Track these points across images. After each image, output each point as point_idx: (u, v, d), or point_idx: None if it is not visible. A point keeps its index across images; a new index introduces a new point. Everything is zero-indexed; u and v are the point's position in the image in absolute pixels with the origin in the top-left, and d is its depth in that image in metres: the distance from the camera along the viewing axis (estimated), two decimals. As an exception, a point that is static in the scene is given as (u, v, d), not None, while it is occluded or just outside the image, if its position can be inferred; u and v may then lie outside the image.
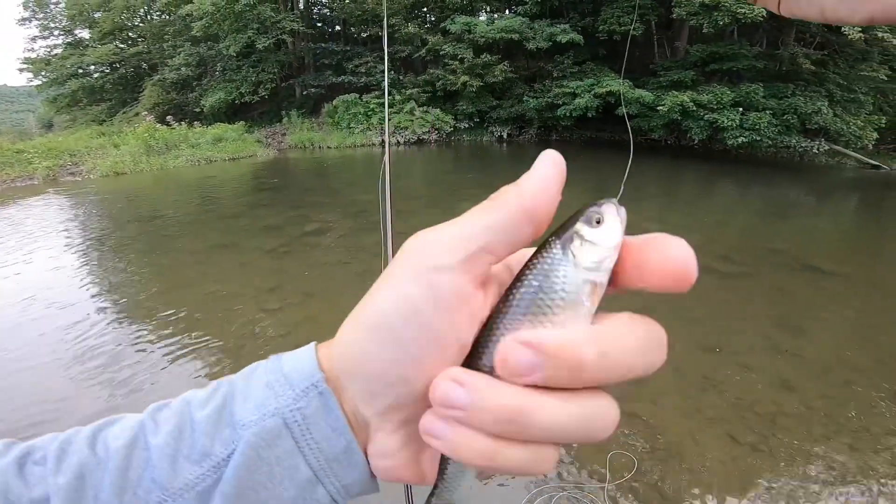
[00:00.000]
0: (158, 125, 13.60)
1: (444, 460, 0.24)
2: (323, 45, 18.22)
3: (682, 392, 2.95)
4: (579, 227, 0.21)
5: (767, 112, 11.69)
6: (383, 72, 12.22)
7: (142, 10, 22.35)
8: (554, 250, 0.21)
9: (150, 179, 10.86)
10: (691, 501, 2.21)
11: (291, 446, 0.24)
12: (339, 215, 7.04)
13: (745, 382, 3.06)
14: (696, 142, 13.21)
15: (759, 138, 11.71)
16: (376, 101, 15.88)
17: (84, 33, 23.49)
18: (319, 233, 6.22)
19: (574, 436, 0.21)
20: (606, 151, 13.83)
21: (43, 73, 23.25)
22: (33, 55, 23.57)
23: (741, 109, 11.85)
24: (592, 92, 13.70)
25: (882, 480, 2.27)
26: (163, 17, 22.14)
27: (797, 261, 5.31)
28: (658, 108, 12.51)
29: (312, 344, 0.28)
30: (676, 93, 12.44)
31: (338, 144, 14.99)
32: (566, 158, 0.24)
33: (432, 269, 0.22)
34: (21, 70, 24.07)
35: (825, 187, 10.34)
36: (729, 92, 12.09)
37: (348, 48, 18.17)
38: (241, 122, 16.23)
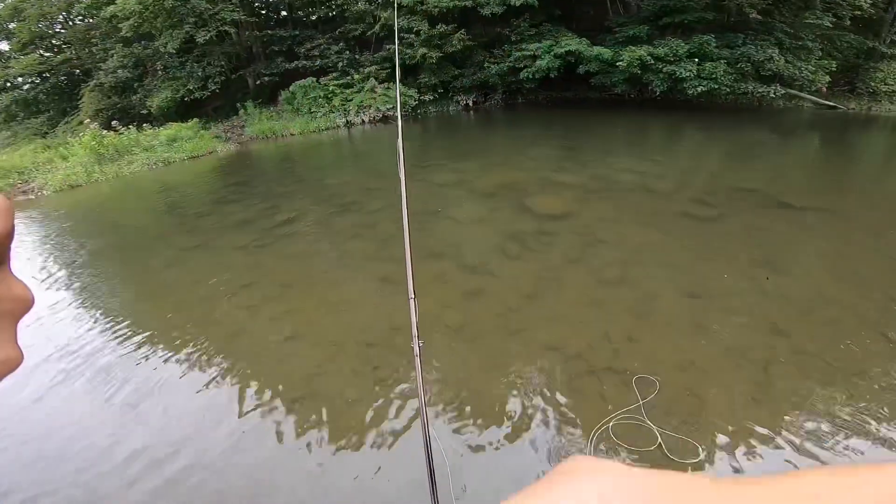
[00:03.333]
0: (105, 132, 12.82)
1: None
2: (270, 31, 17.33)
3: (675, 344, 2.98)
4: None
5: (722, 61, 12.09)
6: (337, 53, 11.80)
7: (60, 17, 20.74)
8: None
9: (108, 189, 10.30)
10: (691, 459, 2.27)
11: None
12: (309, 202, 6.84)
13: (732, 327, 3.11)
14: (657, 94, 13.42)
15: (717, 86, 12.10)
16: (335, 82, 15.37)
17: (2, 45, 21.75)
18: (292, 222, 6.04)
19: None
20: (572, 109, 13.85)
21: (-32, 91, 21.51)
22: None
23: (697, 60, 12.21)
24: (552, 53, 13.72)
25: (883, 425, 2.27)
26: (86, 20, 20.61)
27: (770, 199, 5.45)
28: (617, 63, 12.75)
29: None
30: (634, 48, 12.74)
31: (301, 130, 14.52)
32: (533, 120, 0.18)
33: None
34: (-58, 88, 22.02)
35: (787, 128, 10.62)
36: (683, 44, 12.40)
37: (297, 32, 17.37)
38: (195, 119, 15.43)
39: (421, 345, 1.26)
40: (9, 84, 20.82)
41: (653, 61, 12.36)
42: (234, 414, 2.74)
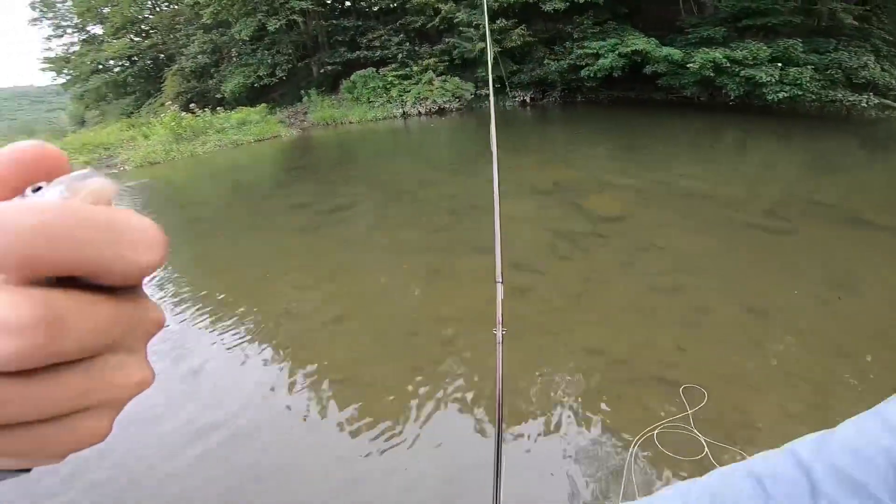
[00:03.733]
0: (183, 113, 13.84)
1: None
2: (334, 21, 17.93)
3: (727, 359, 2.84)
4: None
5: (809, 67, 11.23)
6: (397, 44, 12.02)
7: (150, 3, 22.44)
8: None
9: (182, 166, 11.13)
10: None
11: None
12: (364, 189, 7.06)
13: (794, 347, 2.93)
14: (731, 98, 12.63)
15: (801, 93, 11.23)
16: (394, 73, 15.67)
17: (97, 29, 23.73)
18: (347, 207, 6.27)
19: None
20: (634, 110, 13.30)
21: (65, 72, 23.69)
22: (51, 54, 23.97)
23: (780, 65, 11.40)
24: (617, 51, 13.26)
25: None
26: (171, 7, 22.17)
27: (847, 215, 5.00)
28: (688, 65, 12.18)
29: None
30: (707, 49, 12.12)
31: (359, 119, 14.97)
32: (593, 119, 0.19)
33: None
34: (43, 70, 24.50)
35: (877, 140, 9.64)
36: (765, 48, 11.63)
37: (360, 23, 17.84)
38: (263, 104, 16.32)
39: (504, 332, 1.29)
40: (101, 67, 22.83)
41: (728, 64, 11.69)
42: (277, 391, 2.89)
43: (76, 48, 23.81)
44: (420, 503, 2.10)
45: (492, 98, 1.95)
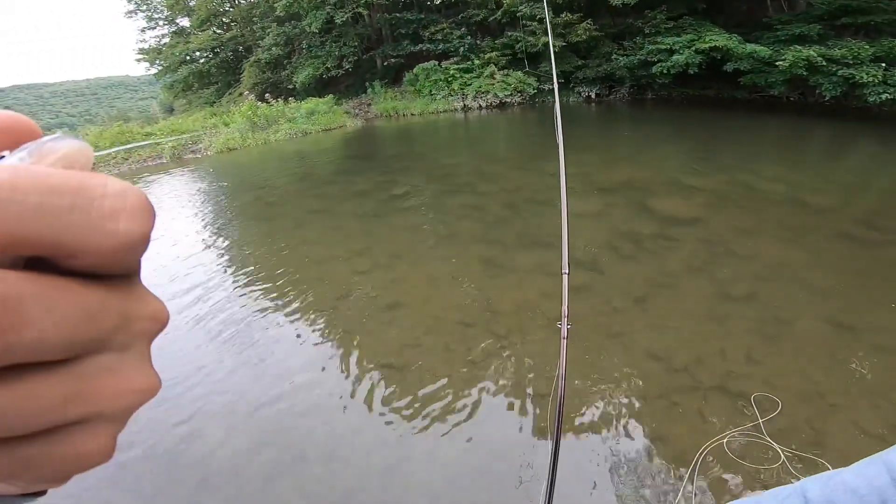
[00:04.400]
0: (259, 103, 14.75)
1: None
2: (398, 14, 18.24)
3: (804, 372, 2.62)
4: None
5: None
6: (459, 38, 12.04)
7: (230, -4, 23.85)
8: None
9: (256, 153, 11.88)
10: None
11: None
12: (424, 179, 7.17)
13: (881, 366, 2.64)
14: (826, 98, 11.50)
15: None
16: (455, 67, 15.71)
17: (184, 22, 25.56)
18: (406, 196, 6.40)
19: None
20: (712, 109, 12.42)
21: (157, 62, 25.58)
22: (145, 46, 25.87)
23: (883, 65, 10.31)
24: (693, 48, 12.50)
25: None
26: (249, 0, 23.52)
27: None
28: (777, 63, 11.31)
29: None
30: (799, 47, 11.15)
31: (421, 111, 15.22)
32: (665, 117, 0.18)
33: None
34: (138, 60, 26.68)
35: None
36: (868, 47, 10.53)
37: (423, 16, 18.02)
38: (330, 95, 17.02)
39: (569, 327, 1.28)
40: (188, 58, 24.58)
41: (824, 63, 10.71)
42: (329, 372, 3.00)
43: (167, 40, 25.83)
44: (462, 495, 2.11)
45: (556, 91, 1.91)
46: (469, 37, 16.74)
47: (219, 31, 24.17)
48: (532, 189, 6.06)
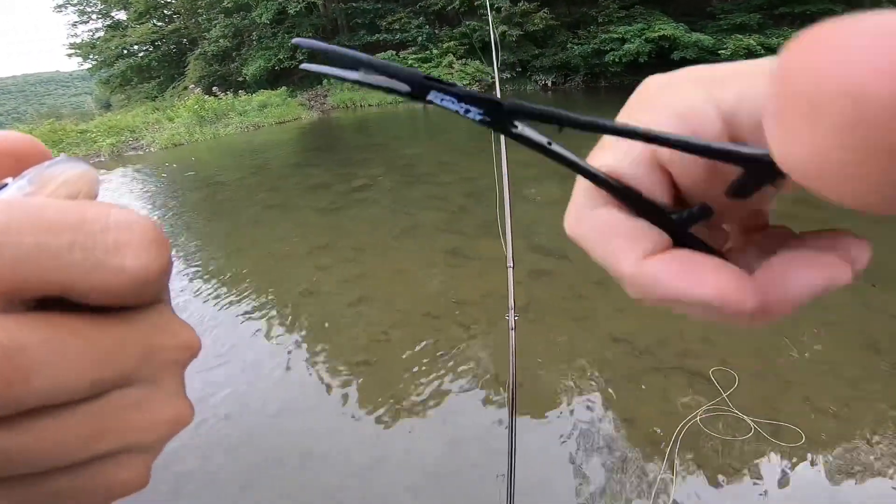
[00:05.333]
0: (206, 97, 14.02)
1: None
2: (354, 3, 17.79)
3: (757, 351, 2.73)
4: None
5: None
6: (417, 27, 11.90)
7: (172, -14, 22.57)
8: None
9: (205, 148, 11.28)
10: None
11: None
12: (384, 170, 7.04)
13: (829, 342, 2.79)
14: (766, 85, 12.33)
15: None
16: (413, 56, 15.54)
17: (121, 15, 24.09)
18: (367, 188, 6.25)
19: None
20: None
21: (91, 57, 24.20)
22: (77, 40, 24.50)
23: None
24: (643, 37, 12.94)
25: None
26: (193, -10, 22.28)
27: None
28: (719, 52, 11.92)
29: None
30: (741, 36, 11.79)
31: (379, 102, 14.99)
32: (617, 104, 0.18)
33: None
34: (69, 55, 24.97)
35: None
36: None
37: (380, 5, 17.69)
38: (284, 87, 16.42)
39: (517, 318, 1.26)
40: (125, 51, 23.25)
41: (763, 52, 11.42)
42: (297, 371, 2.90)
43: (101, 34, 24.23)
44: (436, 487, 2.09)
45: (497, 83, 1.93)
46: (427, 26, 16.57)
47: (160, 24, 22.79)
48: (493, 177, 6.04)
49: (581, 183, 0.18)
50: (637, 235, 0.16)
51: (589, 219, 0.17)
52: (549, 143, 0.17)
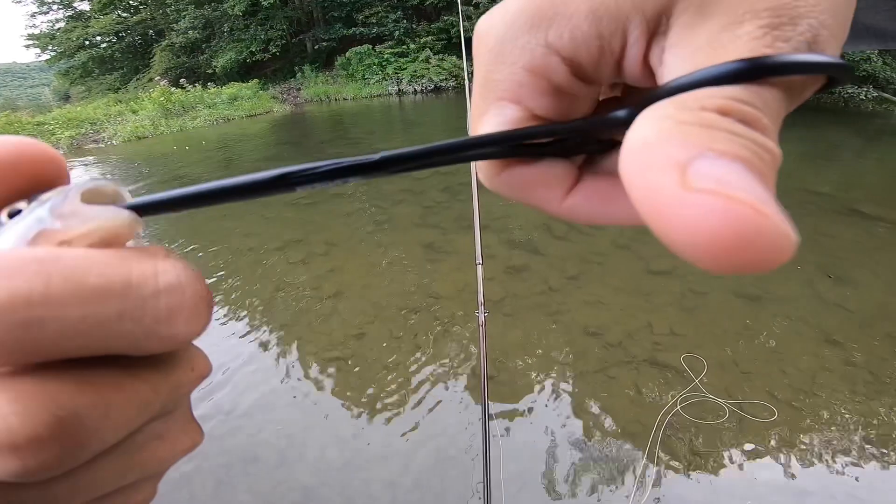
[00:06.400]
0: (173, 88, 13.51)
1: None
2: (331, -5, 17.47)
3: (720, 342, 2.81)
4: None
5: None
6: (394, 21, 11.81)
7: (138, -23, 21.71)
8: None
9: (172, 141, 10.88)
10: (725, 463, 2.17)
11: None
12: (360, 167, 6.95)
13: (786, 333, 2.90)
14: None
15: None
16: (390, 51, 15.37)
17: (83, 5, 23.05)
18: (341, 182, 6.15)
19: None
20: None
21: (50, 48, 23.09)
22: (36, 31, 23.45)
23: None
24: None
25: None
26: (161, -19, 21.46)
27: (842, 205, 4.98)
28: None
29: None
30: None
31: (354, 96, 14.76)
32: None
33: None
34: (27, 46, 23.76)
35: (872, 132, 9.62)
36: None
37: (357, -1, 17.41)
38: (255, 80, 15.99)
39: (486, 314, 1.25)
40: (87, 42, 22.24)
41: None
42: (271, 368, 2.84)
43: (61, 24, 23.07)
44: (415, 482, 2.07)
45: (466, 83, 1.99)
46: (405, 20, 16.40)
47: (125, 15, 21.83)
48: (468, 172, 6.06)
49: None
50: (548, 182, 0.17)
51: (499, 180, 0.18)
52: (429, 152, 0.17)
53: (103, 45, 22.50)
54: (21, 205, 0.11)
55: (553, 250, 4.04)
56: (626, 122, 0.14)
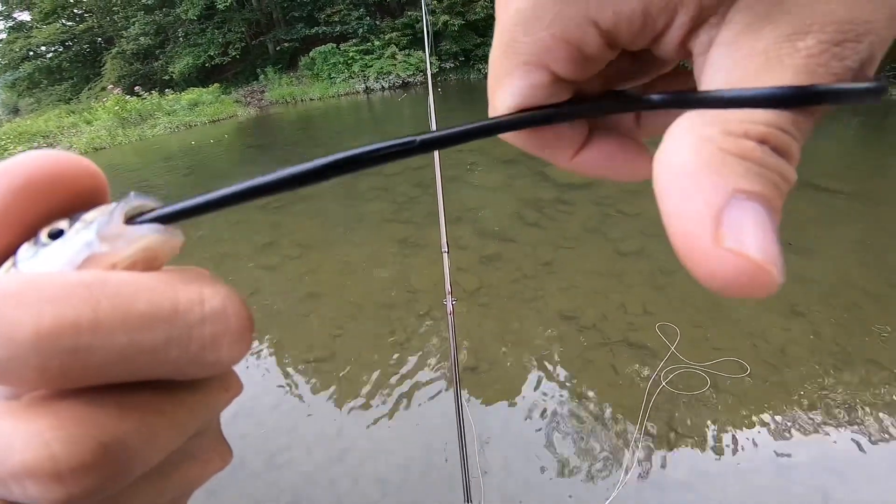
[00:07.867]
0: (128, 97, 13.00)
1: None
2: (290, -5, 17.05)
3: (692, 319, 2.89)
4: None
5: None
6: (357, 19, 11.63)
7: (82, -15, 20.68)
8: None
9: (131, 151, 10.48)
10: (702, 442, 2.26)
11: None
12: (329, 167, 6.86)
13: (752, 307, 2.97)
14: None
15: None
16: (354, 49, 15.16)
17: (24, 16, 21.83)
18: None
19: None
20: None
21: (-8, 61, 21.78)
22: None
23: None
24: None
25: (884, 411, 2.21)
26: (107, -12, 20.51)
27: (800, 180, 5.11)
28: None
29: None
30: None
31: (321, 96, 14.51)
32: None
33: None
34: (-33, 60, 22.30)
35: (826, 111, 10.04)
36: None
37: (317, -3, 17.05)
38: (216, 84, 15.51)
39: (454, 302, 1.27)
40: (31, 53, 21.05)
41: None
42: (252, 372, 2.81)
43: (3, 36, 21.81)
44: (404, 476, 2.09)
45: (429, 75, 1.96)
46: (368, 17, 16.16)
47: (69, 24, 20.77)
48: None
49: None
50: (561, 141, 0.19)
51: (517, 135, 0.19)
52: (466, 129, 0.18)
53: (49, 55, 21.34)
54: (62, 224, 0.11)
55: (525, 237, 4.10)
56: (657, 106, 0.16)
